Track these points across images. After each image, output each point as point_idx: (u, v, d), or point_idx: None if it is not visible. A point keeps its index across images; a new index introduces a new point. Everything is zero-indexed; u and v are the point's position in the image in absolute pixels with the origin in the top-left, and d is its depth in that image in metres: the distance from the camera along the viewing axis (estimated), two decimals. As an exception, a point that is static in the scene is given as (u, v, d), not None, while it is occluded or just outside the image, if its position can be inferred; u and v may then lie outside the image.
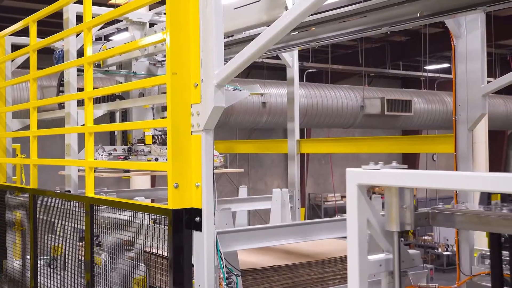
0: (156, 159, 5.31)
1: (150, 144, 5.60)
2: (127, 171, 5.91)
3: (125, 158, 5.72)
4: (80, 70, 5.01)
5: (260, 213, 16.67)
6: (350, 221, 2.78)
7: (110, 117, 6.44)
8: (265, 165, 20.59)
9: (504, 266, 3.15)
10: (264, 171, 20.59)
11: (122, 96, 5.84)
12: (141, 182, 11.38)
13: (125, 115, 6.10)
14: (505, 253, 3.07)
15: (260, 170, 20.49)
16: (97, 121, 4.96)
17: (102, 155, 5.52)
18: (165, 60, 5.48)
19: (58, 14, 5.25)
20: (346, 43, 17.62)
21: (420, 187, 2.54)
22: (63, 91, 5.36)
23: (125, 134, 6.15)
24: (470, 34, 4.60)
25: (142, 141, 5.72)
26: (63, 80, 5.33)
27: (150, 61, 5.88)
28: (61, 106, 5.68)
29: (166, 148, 5.43)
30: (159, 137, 5.69)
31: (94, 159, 5.31)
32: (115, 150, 5.71)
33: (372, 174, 2.62)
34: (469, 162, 4.59)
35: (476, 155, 12.74)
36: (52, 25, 10.58)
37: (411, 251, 3.28)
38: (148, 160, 5.45)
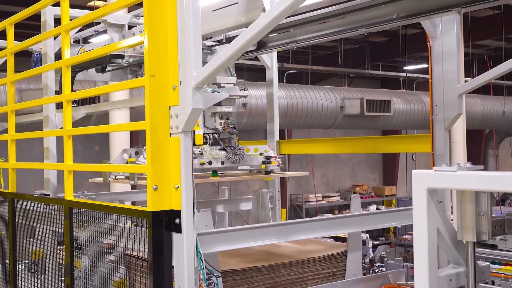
0: (210, 163, 4.79)
1: (201, 145, 4.92)
2: None
3: None
4: (73, 72, 4.66)
5: (241, 214, 16.66)
6: (418, 231, 2.45)
7: None
8: (246, 166, 20.55)
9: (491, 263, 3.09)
10: (245, 172, 20.56)
11: None
12: (121, 184, 11.29)
13: None
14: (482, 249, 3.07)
15: (241, 171, 20.45)
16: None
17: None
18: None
19: (36, 17, 5.21)
20: (325, 44, 17.70)
21: (507, 191, 2.23)
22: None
23: None
24: (446, 35, 4.65)
25: None
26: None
27: None
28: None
29: (219, 149, 5.06)
30: (211, 137, 5.10)
31: (138, 163, 4.95)
32: None
33: (445, 177, 2.36)
34: (446, 161, 4.65)
35: (454, 154, 12.89)
36: (30, 27, 10.50)
37: (480, 263, 2.98)
38: (201, 164, 4.88)
